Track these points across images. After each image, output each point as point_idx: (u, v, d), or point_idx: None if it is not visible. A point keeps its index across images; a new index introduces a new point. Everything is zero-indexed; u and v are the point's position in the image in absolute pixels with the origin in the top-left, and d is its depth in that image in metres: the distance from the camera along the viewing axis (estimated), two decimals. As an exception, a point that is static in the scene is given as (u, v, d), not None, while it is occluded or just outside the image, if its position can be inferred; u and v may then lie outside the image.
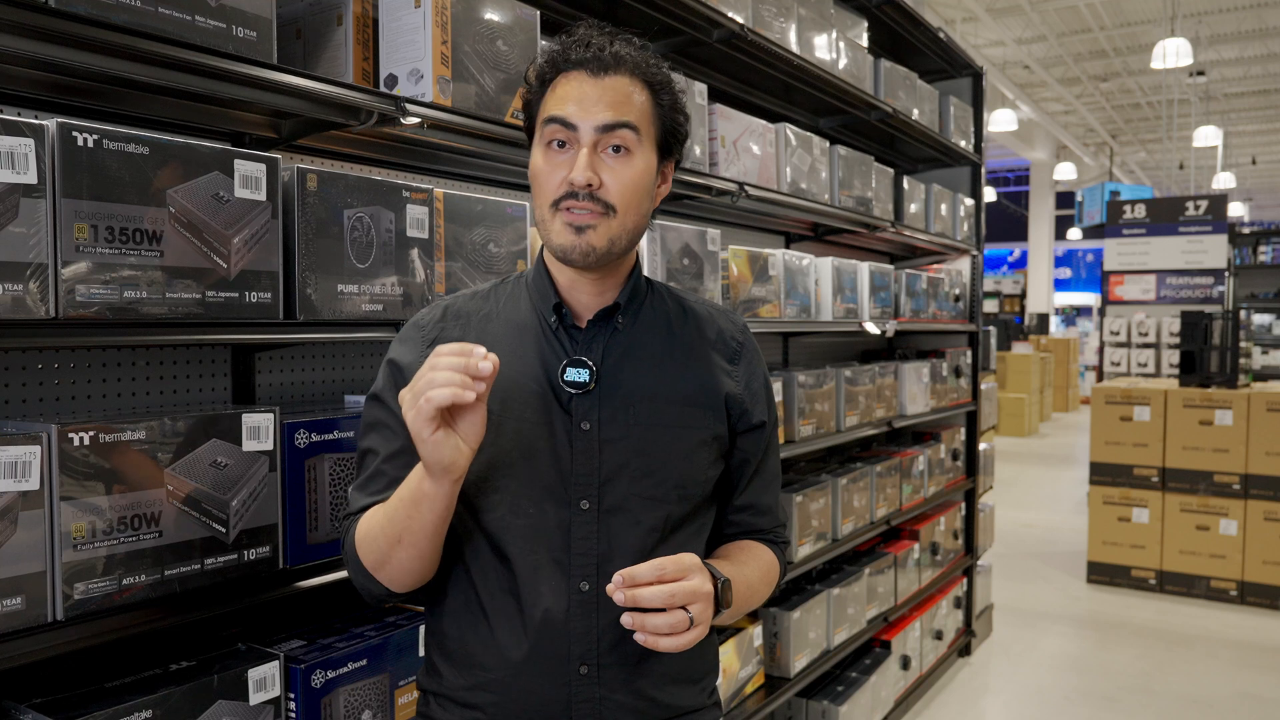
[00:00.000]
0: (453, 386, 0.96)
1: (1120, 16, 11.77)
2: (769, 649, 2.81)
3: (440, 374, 0.97)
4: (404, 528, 1.09)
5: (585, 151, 1.12)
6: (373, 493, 1.19)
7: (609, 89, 1.13)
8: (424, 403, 0.97)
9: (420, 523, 1.08)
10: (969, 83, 4.40)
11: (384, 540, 1.12)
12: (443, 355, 0.99)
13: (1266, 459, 5.05)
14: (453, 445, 1.01)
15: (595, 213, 1.12)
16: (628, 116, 1.13)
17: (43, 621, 1.16)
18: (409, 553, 1.11)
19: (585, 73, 1.14)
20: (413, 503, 1.07)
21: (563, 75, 1.16)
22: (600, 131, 1.12)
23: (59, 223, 1.15)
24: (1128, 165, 20.78)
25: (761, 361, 1.34)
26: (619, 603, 1.04)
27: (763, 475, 1.33)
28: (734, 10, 2.42)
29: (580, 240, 1.13)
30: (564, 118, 1.13)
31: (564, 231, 1.13)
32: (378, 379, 1.24)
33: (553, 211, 1.14)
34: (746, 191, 2.53)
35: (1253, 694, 3.88)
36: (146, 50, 1.24)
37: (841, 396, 3.08)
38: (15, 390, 1.39)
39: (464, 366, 0.97)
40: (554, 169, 1.14)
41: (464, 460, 1.03)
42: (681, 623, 1.04)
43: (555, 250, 1.15)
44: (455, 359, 0.98)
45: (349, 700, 1.51)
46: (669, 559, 1.06)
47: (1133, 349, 8.34)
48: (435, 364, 0.98)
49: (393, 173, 1.98)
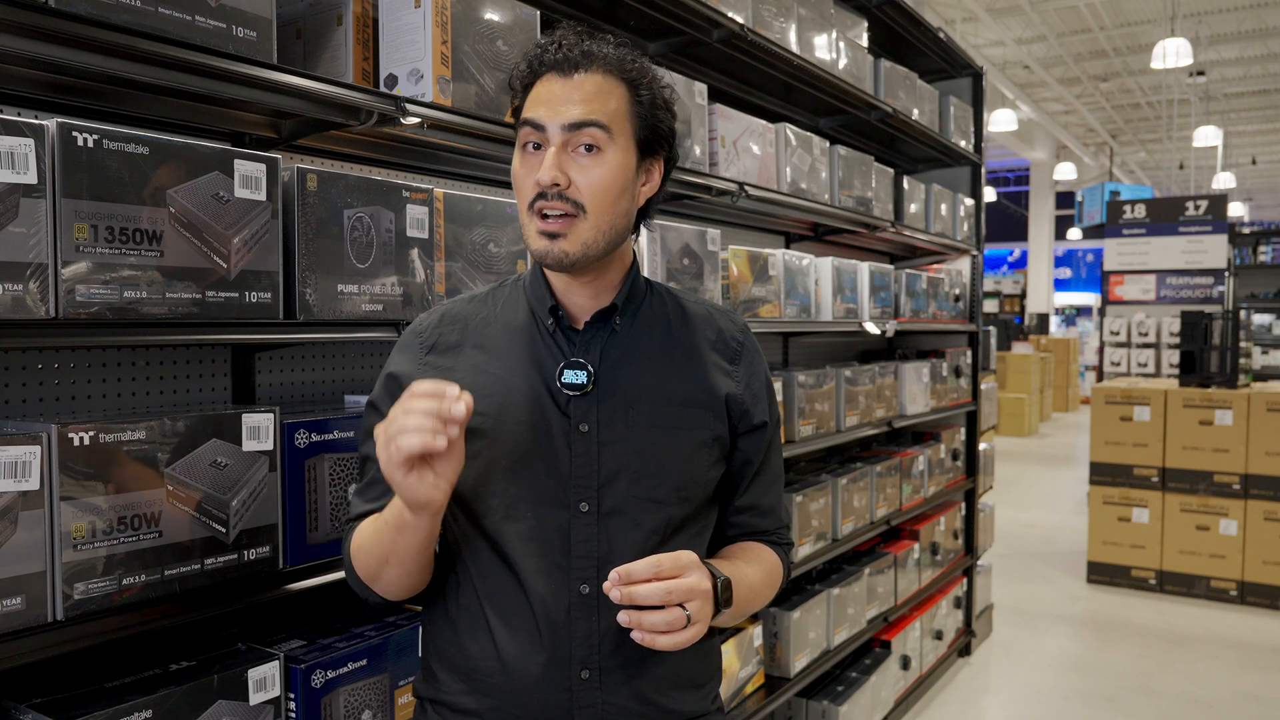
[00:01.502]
0: (423, 434, 0.95)
1: (1120, 16, 11.77)
2: (769, 649, 2.81)
3: (412, 419, 0.96)
4: (390, 550, 1.11)
5: (553, 151, 1.11)
6: (370, 499, 1.21)
7: (578, 87, 1.13)
8: (394, 449, 0.97)
9: (404, 546, 1.10)
10: (969, 83, 4.40)
11: (373, 558, 1.15)
12: (415, 397, 0.97)
13: (1266, 459, 5.05)
14: (428, 484, 1.00)
15: (566, 214, 1.12)
16: (596, 115, 1.12)
17: (43, 621, 1.15)
18: (397, 570, 1.14)
19: (556, 73, 1.14)
20: (395, 529, 1.09)
21: (539, 79, 1.16)
22: (567, 130, 1.12)
23: (59, 223, 1.15)
24: (1128, 165, 20.77)
25: (762, 361, 1.34)
26: (615, 600, 1.03)
27: (764, 476, 1.32)
28: (734, 10, 2.42)
29: (553, 246, 1.13)
30: (533, 119, 1.13)
31: (538, 238, 1.14)
32: (376, 386, 1.24)
33: (529, 215, 1.14)
34: (746, 191, 2.53)
35: (1253, 694, 3.88)
36: (146, 50, 1.23)
37: (841, 396, 3.08)
38: (15, 390, 1.39)
39: (436, 411, 0.96)
40: (528, 171, 1.14)
41: (441, 496, 1.02)
42: (678, 620, 1.04)
43: (533, 253, 1.16)
44: (428, 402, 0.96)
45: (349, 700, 1.51)
46: (666, 555, 1.06)
47: (1133, 349, 8.34)
48: (408, 407, 0.97)
49: (393, 173, 1.98)
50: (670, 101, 1.22)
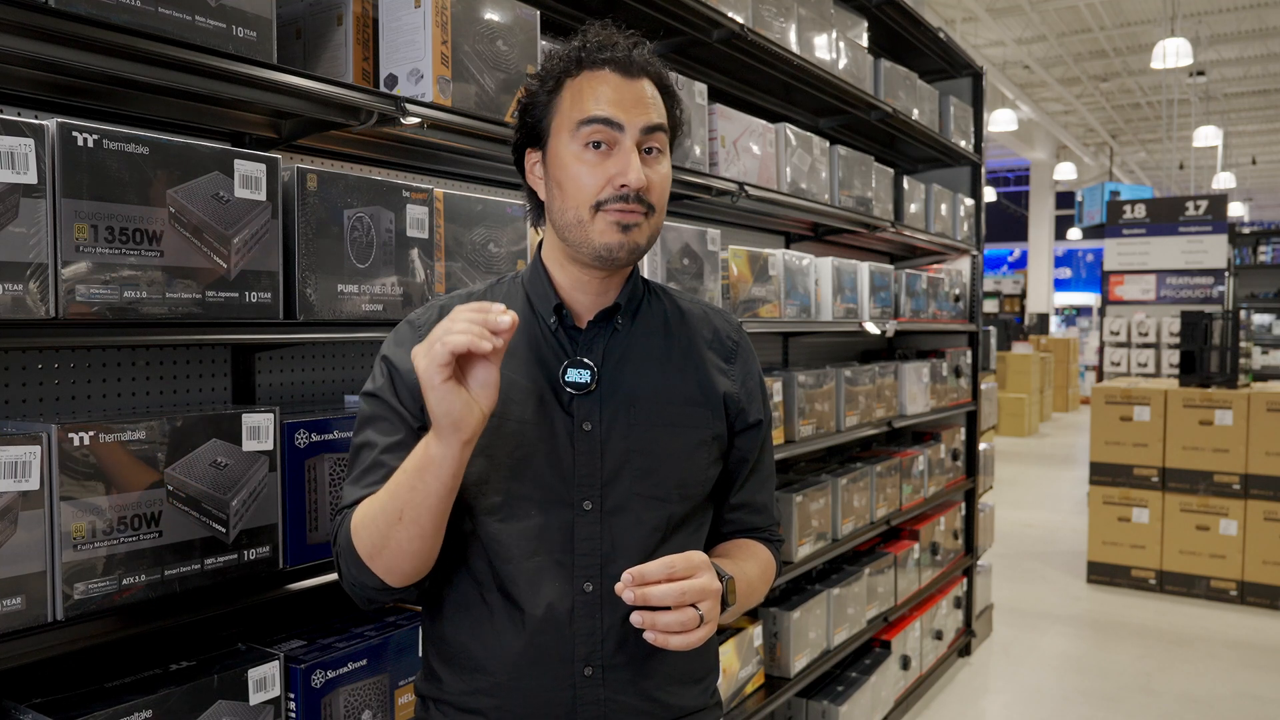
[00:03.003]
0: (470, 335, 0.95)
1: (1120, 16, 11.77)
2: (769, 649, 2.81)
3: (459, 323, 0.97)
4: (406, 500, 1.04)
5: (636, 154, 1.13)
6: (369, 484, 1.14)
7: (643, 91, 1.16)
8: (439, 347, 0.95)
9: (424, 493, 1.03)
10: (969, 83, 4.41)
11: (383, 519, 1.06)
12: (461, 310, 0.99)
13: (1266, 459, 5.05)
14: (464, 399, 0.98)
15: (640, 213, 1.14)
16: (663, 120, 1.17)
17: (43, 621, 1.15)
18: (410, 531, 1.05)
19: (618, 74, 1.15)
20: (417, 471, 1.03)
21: (588, 74, 1.15)
22: (644, 133, 1.14)
23: (59, 223, 1.15)
24: (1128, 165, 20.77)
25: (756, 360, 1.36)
26: (628, 601, 1.03)
27: (759, 474, 1.34)
28: (734, 10, 2.42)
29: (627, 238, 1.14)
30: (609, 117, 1.12)
31: (609, 230, 1.13)
32: (373, 377, 1.20)
33: (593, 212, 1.13)
34: (746, 191, 2.53)
35: (1253, 694, 3.88)
36: (146, 50, 1.24)
37: (841, 396, 3.08)
38: (15, 390, 1.39)
39: (483, 320, 0.97)
40: (594, 170, 1.13)
41: (474, 419, 0.99)
42: (691, 620, 1.04)
43: (598, 249, 1.14)
44: (474, 314, 0.97)
45: (349, 700, 1.51)
46: (678, 556, 1.06)
47: (1133, 349, 8.34)
48: (454, 316, 0.98)
49: (393, 173, 1.98)
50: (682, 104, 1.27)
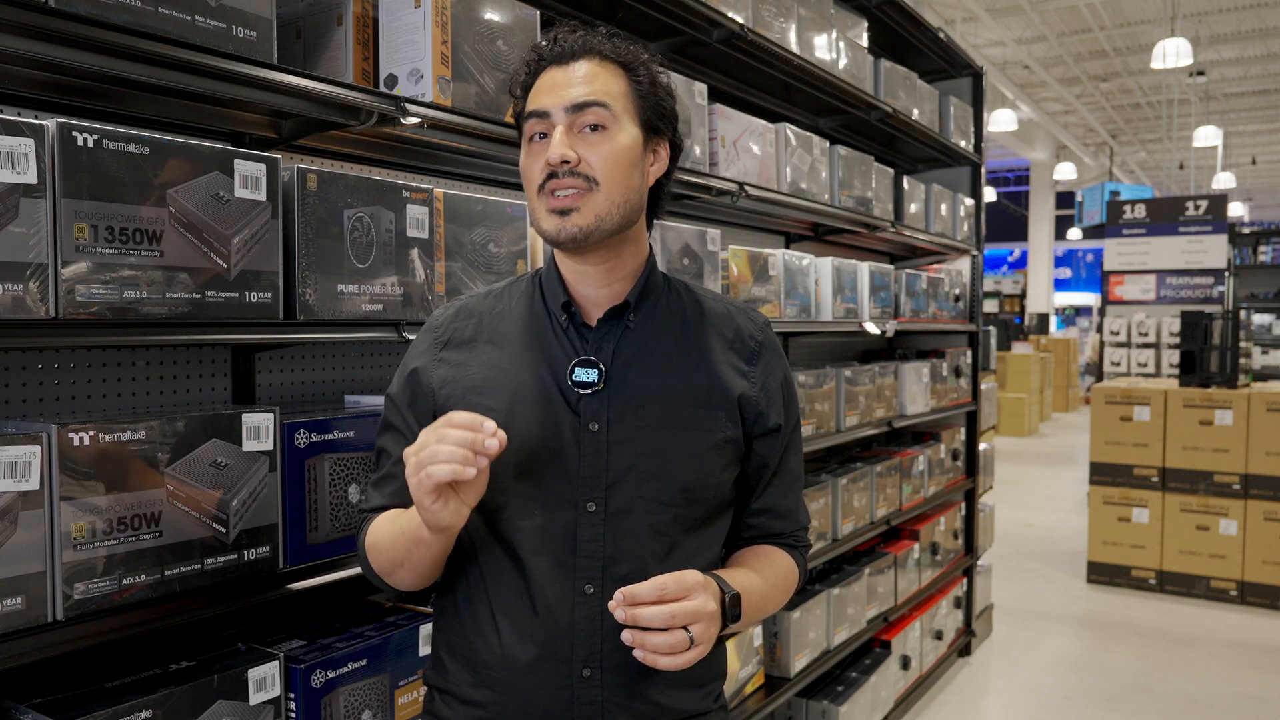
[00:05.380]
0: (454, 464, 0.97)
1: (1120, 16, 11.77)
2: (769, 649, 2.81)
3: (444, 448, 0.97)
4: (404, 557, 1.15)
5: (560, 130, 1.13)
6: (386, 494, 1.24)
7: (576, 72, 1.16)
8: (424, 476, 0.98)
9: (418, 558, 1.14)
10: (969, 83, 4.40)
11: (387, 559, 1.18)
12: (452, 427, 0.99)
13: (1266, 459, 5.05)
14: (453, 509, 1.03)
15: (579, 190, 1.12)
16: (597, 95, 1.14)
17: (43, 621, 1.16)
18: (411, 575, 1.18)
19: (554, 66, 1.17)
20: (412, 541, 1.12)
21: (539, 76, 1.18)
22: (571, 111, 1.13)
23: (59, 223, 1.15)
24: (1128, 165, 20.77)
25: (782, 360, 1.31)
26: (619, 620, 1.04)
27: (781, 479, 1.31)
28: (734, 10, 2.42)
29: (565, 223, 1.13)
30: (537, 108, 1.15)
31: (549, 217, 1.14)
32: (395, 379, 1.27)
33: (539, 197, 1.15)
34: (746, 191, 2.53)
35: (1253, 694, 3.88)
36: (146, 50, 1.24)
37: (841, 396, 3.08)
38: (15, 390, 1.39)
39: (470, 442, 0.98)
40: (536, 158, 1.15)
41: (461, 521, 1.05)
42: (681, 643, 1.03)
43: (545, 236, 1.16)
44: (462, 434, 0.98)
45: (349, 700, 1.51)
46: (671, 577, 1.05)
47: (1133, 349, 8.34)
48: (443, 435, 0.98)
49: (393, 173, 1.98)
50: (669, 85, 1.24)
